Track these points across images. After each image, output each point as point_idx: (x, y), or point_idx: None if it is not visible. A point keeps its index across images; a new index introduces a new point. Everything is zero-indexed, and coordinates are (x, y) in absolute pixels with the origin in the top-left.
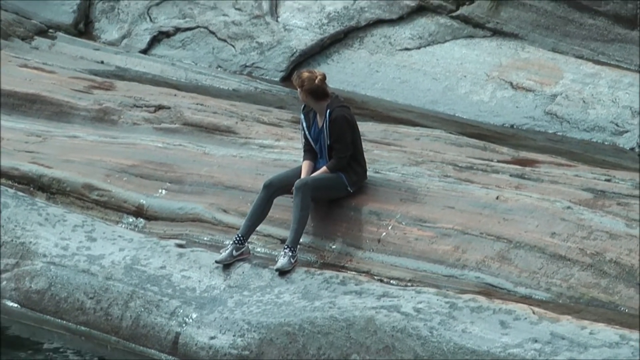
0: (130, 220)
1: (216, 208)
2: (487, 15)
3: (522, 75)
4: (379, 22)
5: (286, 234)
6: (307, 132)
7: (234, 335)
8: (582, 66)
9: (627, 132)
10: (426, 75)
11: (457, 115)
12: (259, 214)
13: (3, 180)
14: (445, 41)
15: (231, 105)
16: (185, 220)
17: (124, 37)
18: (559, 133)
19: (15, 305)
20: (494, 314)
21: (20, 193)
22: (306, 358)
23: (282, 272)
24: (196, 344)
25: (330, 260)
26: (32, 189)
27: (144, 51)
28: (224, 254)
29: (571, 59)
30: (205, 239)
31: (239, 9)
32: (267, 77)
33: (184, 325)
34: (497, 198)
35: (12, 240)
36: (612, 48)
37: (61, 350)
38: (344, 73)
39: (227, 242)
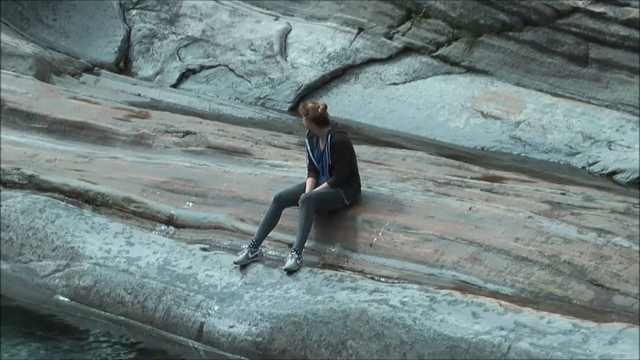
0: (163, 228)
1: (234, 217)
2: (462, 55)
3: (491, 106)
4: (371, 61)
5: (293, 239)
6: (311, 154)
7: (249, 325)
8: (542, 98)
9: (579, 153)
10: (411, 106)
11: (436, 139)
12: (270, 222)
13: (56, 194)
14: (427, 77)
15: (247, 131)
16: (209, 228)
17: (157, 73)
18: (522, 154)
19: (66, 299)
20: (467, 306)
21: (70, 205)
22: (310, 343)
23: (290, 272)
24: (218, 332)
25: (330, 261)
26: (80, 202)
27: (174, 85)
28: (241, 256)
29: (532, 92)
30: (225, 243)
31: (254, 50)
32: (277, 108)
33: (207, 316)
34: (470, 209)
35: (63, 245)
36: (566, 83)
37: (104, 337)
38: (342, 104)
39: (244, 246)
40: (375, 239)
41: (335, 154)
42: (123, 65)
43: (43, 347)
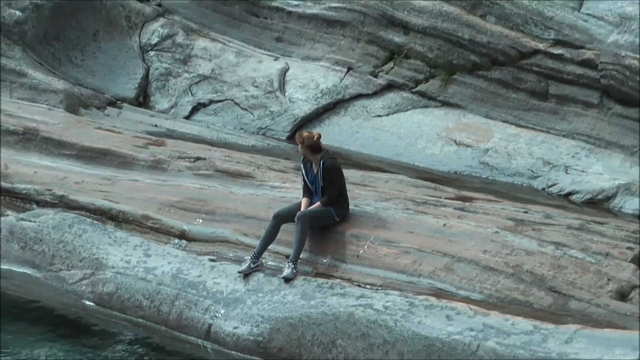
0: (176, 241)
1: (239, 232)
2: (438, 91)
3: (463, 135)
4: (359, 96)
5: (290, 251)
6: (305, 177)
7: (251, 326)
8: (507, 128)
9: (539, 176)
10: (393, 135)
11: (415, 164)
12: (270, 236)
13: (83, 212)
14: (407, 110)
15: (250, 157)
16: (216, 242)
17: (172, 107)
18: (490, 177)
19: (92, 304)
20: (441, 310)
21: (95, 222)
22: (304, 342)
23: (287, 280)
24: (224, 332)
25: (322, 270)
26: (104, 218)
27: (187, 117)
28: (244, 266)
29: (499, 123)
30: (230, 255)
31: (256, 86)
32: (276, 137)
33: (214, 318)
34: (444, 225)
35: (89, 256)
36: (529, 115)
37: (125, 336)
38: (333, 133)
39: (247, 258)
40: (361, 251)
41: (327, 177)
42: (142, 99)
43: (72, 346)
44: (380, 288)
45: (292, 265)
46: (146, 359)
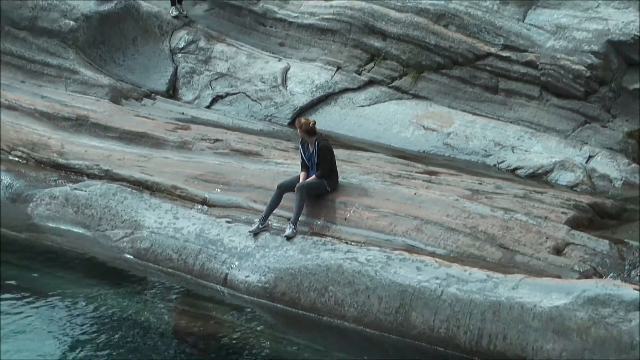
0: (199, 207)
1: (249, 200)
2: (410, 86)
3: (429, 122)
4: (346, 90)
5: (291, 215)
6: (303, 155)
7: (259, 275)
8: (465, 116)
9: (491, 155)
10: (373, 122)
11: (391, 145)
12: (275, 203)
13: (124, 183)
14: (385, 101)
15: (259, 139)
16: (231, 207)
17: (195, 98)
18: (451, 156)
19: (131, 257)
20: (412, 262)
21: (134, 190)
22: (302, 288)
23: (288, 238)
24: (238, 280)
25: (317, 230)
26: (141, 188)
27: (207, 107)
28: (254, 227)
29: (459, 112)
30: (243, 218)
31: (263, 82)
32: (280, 123)
33: (230, 269)
34: (415, 194)
35: (129, 219)
36: (483, 105)
37: (158, 283)
38: (325, 120)
39: (256, 220)
40: (348, 215)
41: (321, 155)
42: (172, 92)
43: (115, 289)
44: (363, 245)
45: (293, 226)
46: (174, 300)
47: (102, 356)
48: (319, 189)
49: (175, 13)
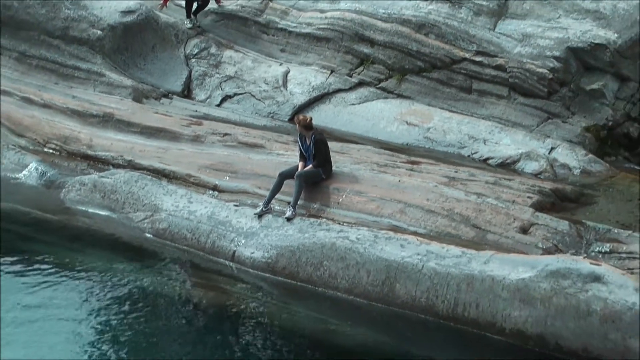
0: (210, 192)
1: (255, 186)
2: (394, 87)
3: (412, 118)
4: (339, 90)
5: (291, 199)
6: (301, 147)
7: (263, 252)
8: (443, 113)
9: (465, 147)
10: (363, 118)
11: (378, 138)
12: (276, 189)
13: (145, 172)
14: (373, 100)
15: (263, 133)
16: (239, 193)
17: (207, 97)
18: (430, 148)
19: (151, 236)
20: (397, 241)
21: (153, 178)
22: (300, 263)
23: (288, 219)
24: (244, 256)
25: (313, 213)
26: (160, 176)
27: (218, 105)
28: (258, 209)
29: (437, 109)
30: (248, 202)
31: (267, 83)
32: (281, 119)
33: (238, 246)
34: (399, 181)
35: (149, 202)
36: (458, 104)
37: (174, 258)
38: (321, 116)
39: (260, 204)
40: (340, 199)
41: (317, 147)
42: (186, 92)
43: (137, 264)
44: (354, 225)
45: (292, 209)
46: (189, 274)
47: (125, 321)
48: (315, 177)
49: (189, 25)
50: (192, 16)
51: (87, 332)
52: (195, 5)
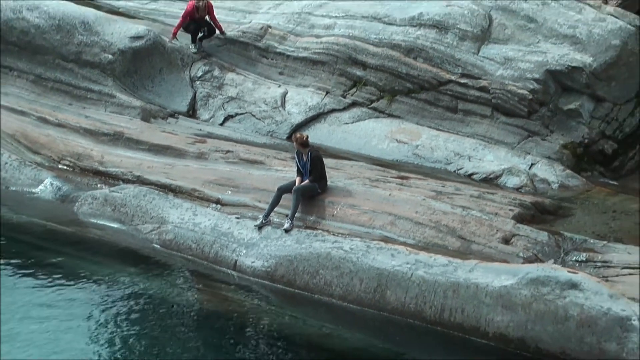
0: (214, 205)
1: (255, 200)
2: (385, 107)
3: (402, 136)
4: (333, 110)
5: (289, 212)
6: (298, 163)
7: (263, 261)
8: (431, 132)
9: (452, 163)
10: (355, 136)
11: (371, 155)
12: (275, 202)
13: (153, 187)
14: (365, 119)
15: (263, 150)
16: (240, 206)
17: (211, 117)
18: (419, 164)
19: (158, 246)
20: (388, 251)
21: (160, 192)
22: (297, 271)
23: (286, 231)
24: (245, 265)
25: (310, 225)
26: (166, 190)
27: (221, 124)
28: (258, 222)
29: (425, 128)
30: (249, 214)
31: (266, 104)
32: (279, 137)
33: (239, 256)
34: (389, 195)
35: (157, 215)
36: (445, 123)
37: (180, 268)
38: (316, 135)
39: (260, 216)
40: (335, 212)
41: (313, 164)
42: (191, 112)
43: (145, 272)
44: (347, 236)
45: (290, 221)
46: (194, 281)
47: (132, 325)
48: (311, 191)
49: (194, 49)
50: (197, 42)
51: (96, 331)
52: (200, 33)
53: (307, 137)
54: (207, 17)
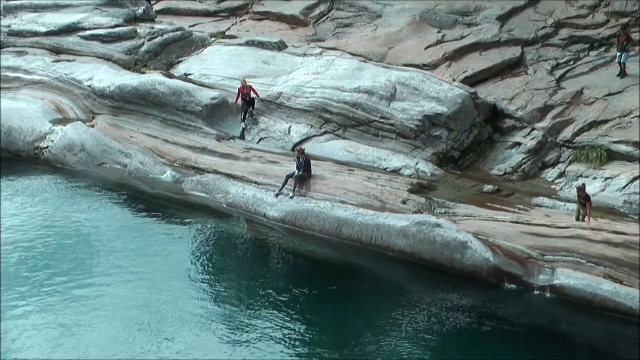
0: (254, 185)
1: (275, 181)
2: (342, 134)
3: (350, 149)
4: (315, 135)
5: (292, 187)
6: (297, 162)
7: (279, 213)
8: (365, 146)
9: (375, 163)
10: (326, 149)
11: (334, 159)
12: (285, 183)
13: (222, 175)
14: (331, 140)
15: (278, 156)
16: (267, 185)
17: (252, 139)
18: (359, 163)
19: (225, 206)
20: (343, 207)
21: (226, 178)
22: (297, 218)
23: (291, 198)
24: (269, 215)
25: (302, 194)
26: (229, 177)
27: (257, 142)
28: (276, 192)
29: (362, 144)
30: (272, 189)
31: (280, 132)
32: (287, 149)
33: (267, 210)
34: (344, 179)
35: (224, 189)
36: (373, 141)
37: (237, 217)
38: (307, 148)
39: (277, 190)
40: (315, 187)
41: (305, 162)
42: (242, 136)
43: (218, 221)
44: (322, 200)
45: (293, 193)
46: (244, 223)
47: (212, 241)
48: (304, 177)
49: (243, 126)
50: (244, 122)
51: (184, 260)
52: (247, 115)
53: (304, 149)
54: (251, 93)
